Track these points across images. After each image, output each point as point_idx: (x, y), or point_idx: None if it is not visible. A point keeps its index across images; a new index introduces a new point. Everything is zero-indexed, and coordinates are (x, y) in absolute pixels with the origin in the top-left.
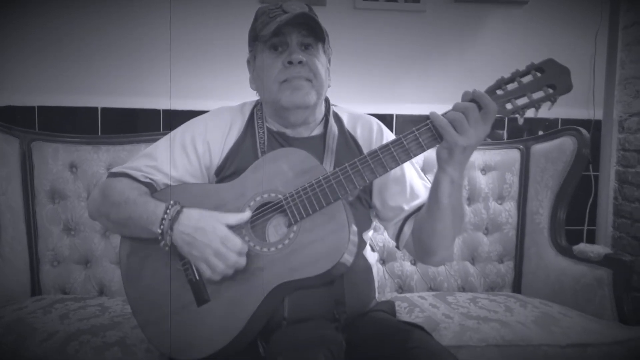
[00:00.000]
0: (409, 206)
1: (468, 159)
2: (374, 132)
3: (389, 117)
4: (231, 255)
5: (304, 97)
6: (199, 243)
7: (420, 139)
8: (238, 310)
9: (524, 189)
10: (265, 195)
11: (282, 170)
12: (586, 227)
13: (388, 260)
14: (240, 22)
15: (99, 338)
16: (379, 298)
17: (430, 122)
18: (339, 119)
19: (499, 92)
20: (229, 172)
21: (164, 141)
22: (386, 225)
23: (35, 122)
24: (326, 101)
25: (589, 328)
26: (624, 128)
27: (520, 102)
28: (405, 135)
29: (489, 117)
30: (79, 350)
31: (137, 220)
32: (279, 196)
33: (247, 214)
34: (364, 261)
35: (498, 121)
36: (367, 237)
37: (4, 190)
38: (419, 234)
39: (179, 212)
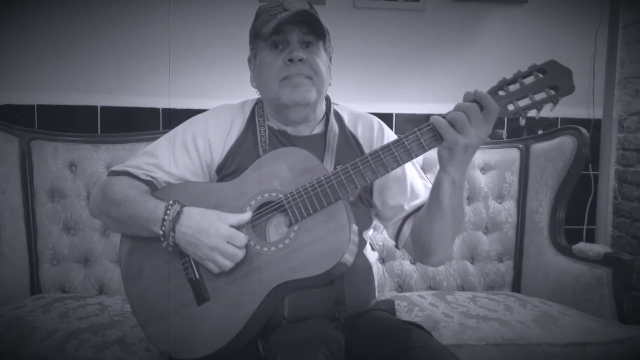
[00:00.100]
0: (409, 206)
1: (470, 160)
2: (374, 131)
3: (388, 116)
4: (238, 252)
5: (304, 95)
6: (203, 245)
7: (422, 140)
8: (238, 309)
9: (523, 188)
10: (266, 195)
11: (283, 170)
12: (586, 226)
13: (388, 259)
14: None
15: (98, 337)
16: (378, 297)
17: (432, 122)
18: (339, 118)
19: (501, 93)
20: (230, 170)
21: (164, 139)
22: (385, 225)
23: (34, 121)
24: (327, 100)
25: (589, 327)
26: (624, 127)
27: (522, 103)
28: (407, 135)
29: (490, 118)
30: (78, 349)
31: (137, 219)
32: (280, 195)
33: (247, 215)
34: (364, 260)
35: (498, 120)
36: (367, 236)
37: (3, 189)
38: (418, 234)
39: (180, 212)
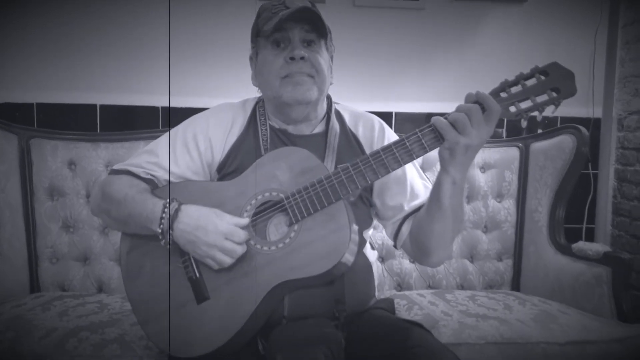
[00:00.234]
0: (408, 206)
1: (471, 161)
2: (375, 130)
3: (388, 115)
4: (237, 248)
5: (305, 93)
6: (201, 242)
7: (423, 140)
8: (237, 308)
9: (523, 187)
10: (267, 194)
11: (283, 169)
12: (585, 225)
13: (387, 258)
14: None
15: (97, 335)
16: (378, 296)
17: (433, 123)
18: (340, 117)
19: (503, 95)
20: (231, 169)
21: (165, 138)
22: (384, 224)
23: (34, 119)
24: (328, 99)
25: (588, 326)
26: (623, 126)
27: (524, 105)
28: (408, 136)
29: (492, 119)
30: (77, 347)
31: (136, 218)
32: (281, 195)
33: (244, 220)
34: (364, 259)
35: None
36: (367, 235)
37: (2, 187)
38: (417, 234)
39: (178, 210)
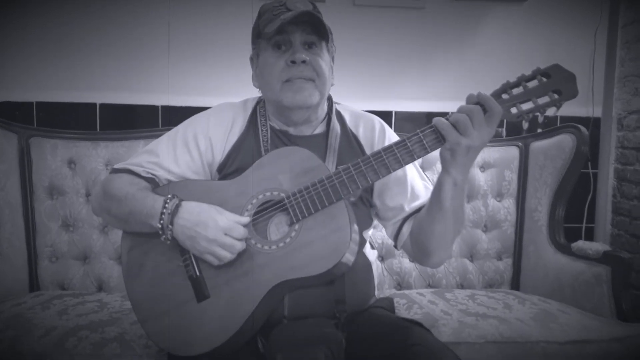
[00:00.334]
0: (409, 207)
1: (472, 162)
2: (376, 131)
3: (387, 114)
4: (237, 244)
5: (306, 99)
6: (201, 237)
7: (424, 141)
8: (237, 307)
9: (522, 186)
10: (268, 194)
11: (285, 169)
12: (585, 225)
13: (387, 257)
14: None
15: (97, 334)
16: (378, 295)
17: (434, 124)
18: (341, 118)
19: (505, 96)
20: (232, 169)
21: (166, 137)
22: (385, 225)
23: (33, 118)
24: (329, 99)
25: (588, 325)
26: (623, 126)
27: (525, 106)
28: (410, 137)
29: (493, 121)
30: (77, 345)
31: (137, 215)
32: (282, 194)
33: (245, 219)
34: (364, 259)
35: None
36: (367, 235)
37: (2, 186)
38: (417, 235)
39: (178, 205)
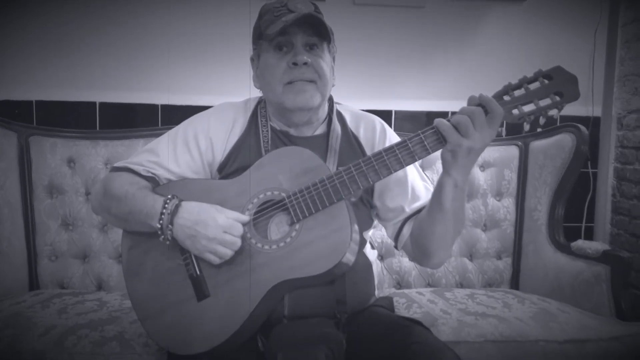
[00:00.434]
0: (409, 208)
1: (473, 164)
2: (377, 132)
3: (387, 113)
4: (237, 241)
5: (308, 100)
6: (201, 236)
7: (426, 142)
8: (237, 306)
9: (522, 185)
10: (269, 193)
11: (285, 169)
12: (584, 224)
13: (386, 256)
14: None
15: (97, 332)
16: (377, 294)
17: (436, 125)
18: (342, 118)
19: (506, 98)
20: (232, 169)
21: (166, 137)
22: (385, 225)
23: (33, 117)
24: (330, 100)
25: (587, 324)
26: (623, 125)
27: (527, 108)
28: (411, 138)
29: (495, 122)
30: (77, 344)
31: (136, 215)
32: (282, 194)
33: (245, 217)
34: (364, 259)
35: None
36: (367, 235)
37: (1, 185)
38: (418, 236)
39: (178, 205)
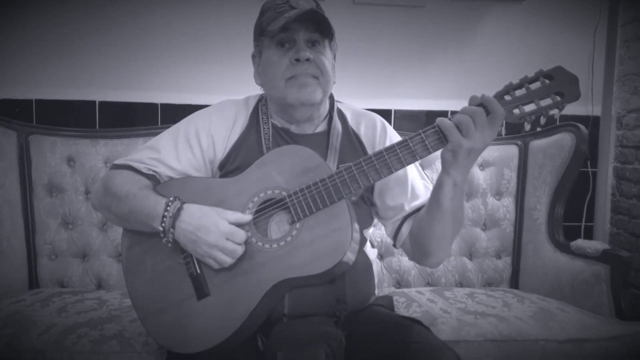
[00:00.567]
0: (409, 206)
1: (473, 163)
2: (377, 130)
3: (387, 112)
4: (237, 248)
5: (310, 95)
6: (202, 241)
7: (427, 142)
8: (238, 305)
9: (522, 184)
10: (269, 192)
11: (286, 167)
12: (584, 223)
13: (386, 255)
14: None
15: (96, 331)
16: (377, 293)
17: (437, 124)
18: (342, 116)
19: (507, 98)
20: (233, 167)
21: (167, 134)
22: (384, 224)
23: (33, 116)
24: (330, 98)
25: (587, 323)
26: (622, 124)
27: (528, 108)
28: (412, 137)
29: (496, 122)
30: (76, 343)
31: (137, 215)
32: (283, 193)
33: (248, 217)
34: (364, 258)
35: None
36: (367, 234)
37: (1, 183)
38: (417, 235)
39: (180, 209)
